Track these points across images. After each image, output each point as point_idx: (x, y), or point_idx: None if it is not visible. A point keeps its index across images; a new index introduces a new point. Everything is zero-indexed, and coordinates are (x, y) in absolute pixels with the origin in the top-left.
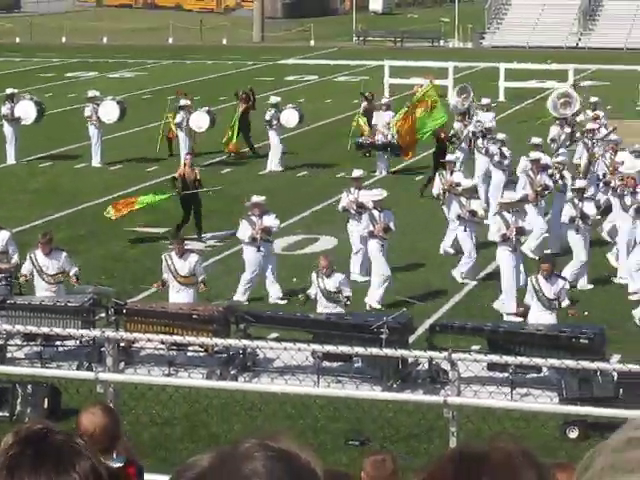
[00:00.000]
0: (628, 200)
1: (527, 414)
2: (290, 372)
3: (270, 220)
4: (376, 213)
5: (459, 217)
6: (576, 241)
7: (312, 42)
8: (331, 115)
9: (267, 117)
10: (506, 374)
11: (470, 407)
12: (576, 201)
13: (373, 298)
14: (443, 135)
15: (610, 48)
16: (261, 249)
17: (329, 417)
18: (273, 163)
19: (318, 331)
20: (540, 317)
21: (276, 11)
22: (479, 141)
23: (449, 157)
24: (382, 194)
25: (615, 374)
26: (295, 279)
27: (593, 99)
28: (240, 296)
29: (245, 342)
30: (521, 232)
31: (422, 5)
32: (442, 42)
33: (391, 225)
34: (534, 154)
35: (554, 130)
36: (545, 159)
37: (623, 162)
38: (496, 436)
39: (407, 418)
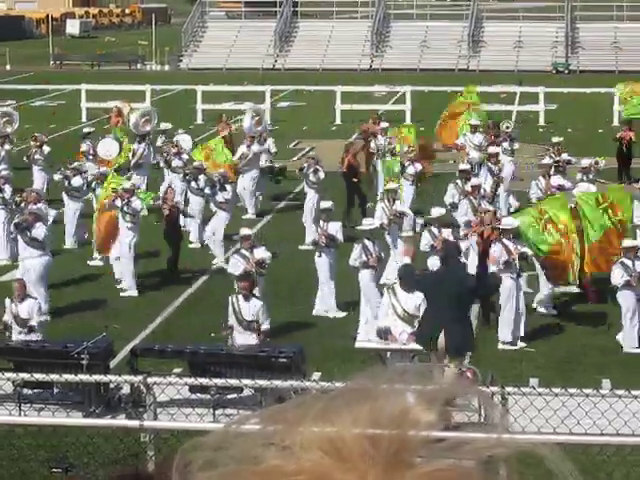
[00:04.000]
0: None
1: None
2: None
3: (262, 252)
4: (368, 243)
5: (432, 247)
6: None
7: (8, 66)
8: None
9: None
10: (208, 395)
11: (169, 430)
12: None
13: (369, 332)
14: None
15: (306, 69)
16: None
17: (31, 445)
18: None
19: (18, 359)
20: (242, 338)
21: None
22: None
23: (391, 185)
24: (373, 223)
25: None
26: None
27: (474, 122)
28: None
29: None
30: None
31: (120, 28)
32: (140, 65)
33: (382, 254)
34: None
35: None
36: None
37: (559, 186)
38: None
39: (107, 443)
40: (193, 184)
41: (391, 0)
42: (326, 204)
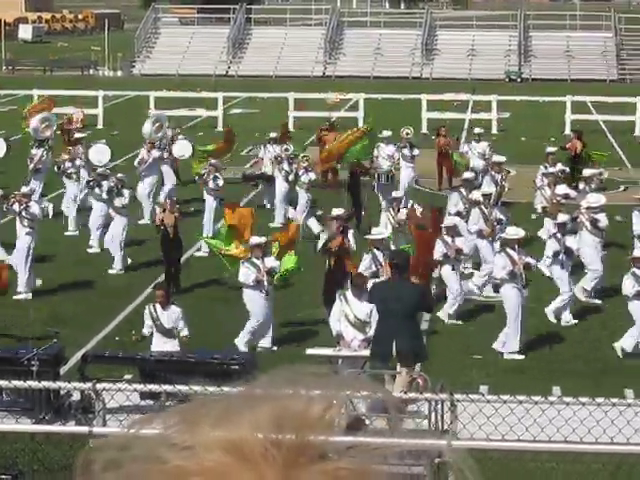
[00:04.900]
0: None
1: None
2: None
3: (272, 261)
4: (378, 253)
5: (445, 256)
6: (560, 275)
7: None
8: None
9: None
10: (158, 402)
11: None
12: (559, 236)
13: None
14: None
15: (259, 76)
16: (268, 293)
17: None
18: None
19: None
20: (162, 345)
21: None
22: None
23: (396, 194)
24: (383, 233)
25: None
26: None
27: (477, 130)
28: (242, 344)
29: None
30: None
31: (73, 34)
32: (92, 71)
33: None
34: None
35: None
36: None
37: (566, 194)
38: None
39: (56, 450)
40: (97, 190)
41: (345, 7)
42: (337, 211)
